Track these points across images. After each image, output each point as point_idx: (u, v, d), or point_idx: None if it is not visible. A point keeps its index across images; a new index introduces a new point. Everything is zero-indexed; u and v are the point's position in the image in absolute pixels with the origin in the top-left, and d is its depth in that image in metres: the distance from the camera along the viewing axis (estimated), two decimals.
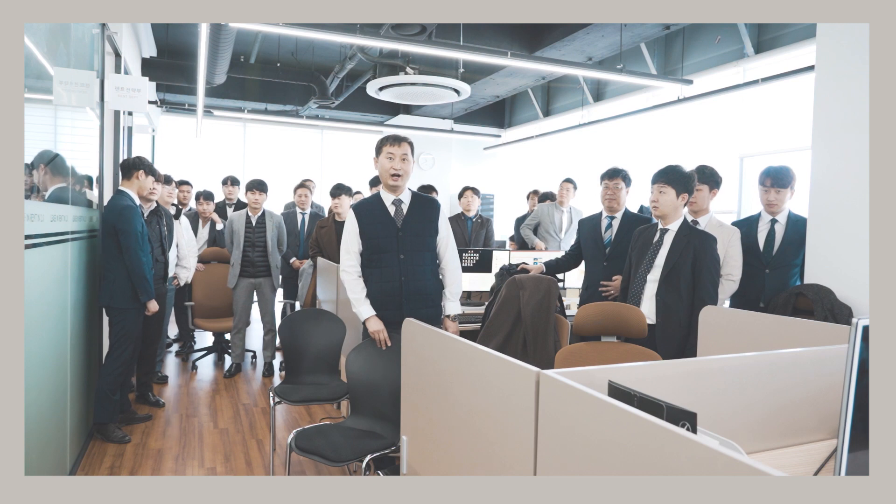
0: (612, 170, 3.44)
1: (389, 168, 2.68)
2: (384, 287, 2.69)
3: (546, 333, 2.73)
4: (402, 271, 2.68)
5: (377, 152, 2.74)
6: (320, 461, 2.24)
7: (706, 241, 2.65)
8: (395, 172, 2.67)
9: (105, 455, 3.21)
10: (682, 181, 2.70)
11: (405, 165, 2.69)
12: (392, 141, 2.69)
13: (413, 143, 2.77)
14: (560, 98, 8.68)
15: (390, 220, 2.71)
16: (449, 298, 2.80)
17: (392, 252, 2.68)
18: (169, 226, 4.25)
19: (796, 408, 1.42)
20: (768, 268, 3.22)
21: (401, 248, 2.68)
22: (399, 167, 2.67)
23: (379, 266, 2.70)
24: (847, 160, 2.68)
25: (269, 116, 8.52)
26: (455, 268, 2.83)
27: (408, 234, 2.70)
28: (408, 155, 2.70)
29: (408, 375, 1.75)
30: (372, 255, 2.71)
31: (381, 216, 2.72)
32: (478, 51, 4.95)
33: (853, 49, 2.65)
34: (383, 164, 2.69)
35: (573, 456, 1.01)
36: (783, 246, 3.20)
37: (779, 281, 3.17)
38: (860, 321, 1.05)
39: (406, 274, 2.68)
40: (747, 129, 5.86)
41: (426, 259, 2.75)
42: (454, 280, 2.82)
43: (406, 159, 2.69)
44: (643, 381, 1.20)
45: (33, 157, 2.31)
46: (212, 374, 4.93)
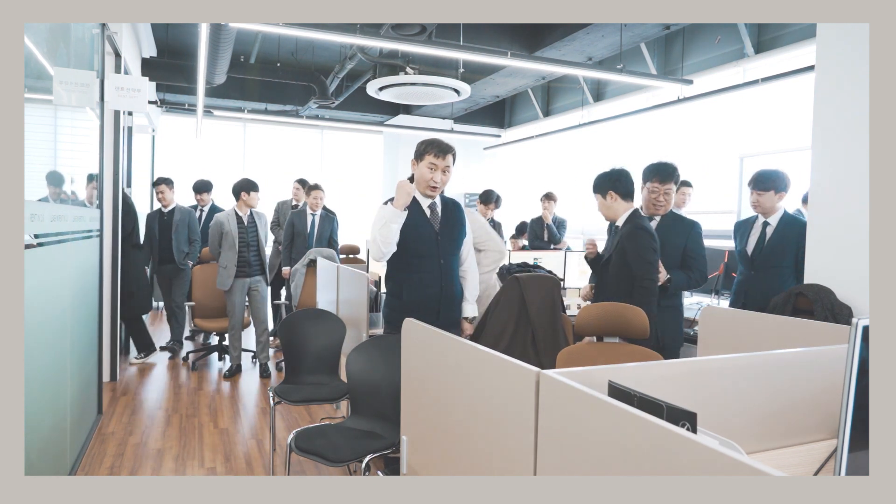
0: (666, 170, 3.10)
1: (430, 179, 2.56)
2: (424, 293, 2.61)
3: (555, 332, 2.72)
4: (442, 277, 2.61)
5: (419, 157, 2.60)
6: (320, 461, 2.24)
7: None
8: (434, 185, 2.57)
9: (105, 455, 3.21)
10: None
11: (445, 178, 2.59)
12: (437, 151, 2.55)
13: (455, 153, 2.64)
14: (560, 98, 8.68)
15: (428, 224, 2.62)
16: (468, 300, 2.77)
17: (432, 257, 2.60)
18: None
19: (796, 408, 1.42)
20: (753, 269, 3.23)
21: (441, 253, 2.62)
22: (439, 180, 2.57)
23: (419, 271, 2.60)
24: (847, 160, 2.68)
25: (269, 116, 8.53)
26: (476, 270, 2.80)
27: (445, 238, 2.64)
28: (450, 167, 2.59)
29: (408, 375, 1.75)
30: (410, 259, 2.60)
31: (418, 219, 2.61)
32: (478, 51, 4.95)
33: (853, 49, 2.65)
34: (423, 172, 2.57)
35: (573, 456, 1.01)
36: (769, 248, 3.21)
37: (764, 283, 3.17)
38: (860, 321, 1.05)
39: (445, 279, 2.62)
40: (747, 129, 5.86)
41: (457, 262, 2.71)
42: (475, 282, 2.79)
43: (447, 171, 2.59)
44: (643, 381, 1.20)
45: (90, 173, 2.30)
46: (212, 374, 4.93)
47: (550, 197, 6.59)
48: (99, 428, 3.59)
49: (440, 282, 2.62)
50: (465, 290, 2.78)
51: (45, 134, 2.62)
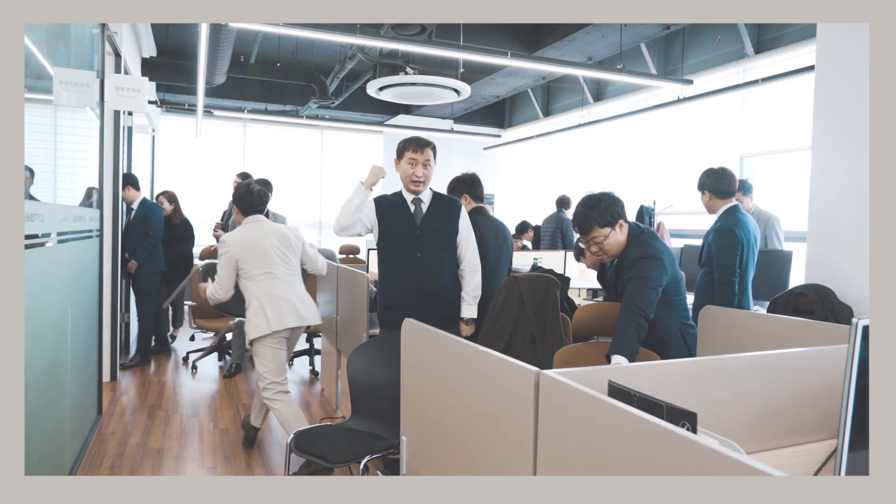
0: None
1: (412, 174, 2.66)
2: (400, 286, 2.66)
3: (554, 330, 2.72)
4: (419, 270, 2.65)
5: (399, 156, 2.69)
6: (319, 463, 2.24)
7: None
8: (416, 179, 2.66)
9: (105, 455, 3.21)
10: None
11: (427, 171, 2.67)
12: (415, 147, 2.65)
13: (436, 147, 2.74)
14: (560, 98, 8.68)
15: (409, 218, 2.68)
16: (466, 301, 2.77)
17: (409, 250, 2.66)
18: None
19: (796, 408, 1.41)
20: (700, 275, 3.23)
21: (418, 247, 2.66)
22: (421, 174, 2.65)
23: (396, 264, 2.67)
24: (847, 160, 2.68)
25: (269, 116, 8.53)
26: (475, 270, 2.79)
27: (426, 232, 2.68)
28: (430, 161, 2.68)
29: (407, 375, 1.75)
30: (389, 252, 2.69)
31: (400, 213, 2.69)
32: (478, 51, 4.95)
33: (853, 49, 2.65)
34: (405, 169, 2.67)
35: (573, 456, 1.01)
36: (704, 252, 3.22)
37: (704, 289, 3.16)
38: (860, 321, 1.05)
39: (423, 273, 2.65)
40: (747, 129, 5.86)
41: (444, 259, 2.72)
42: (473, 282, 2.78)
43: (428, 165, 2.67)
44: (643, 381, 1.20)
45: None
46: (212, 374, 4.93)
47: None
48: (99, 428, 3.58)
49: (416, 275, 2.65)
50: (463, 290, 2.78)
51: (45, 134, 2.62)
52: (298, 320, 2.98)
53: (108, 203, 4.36)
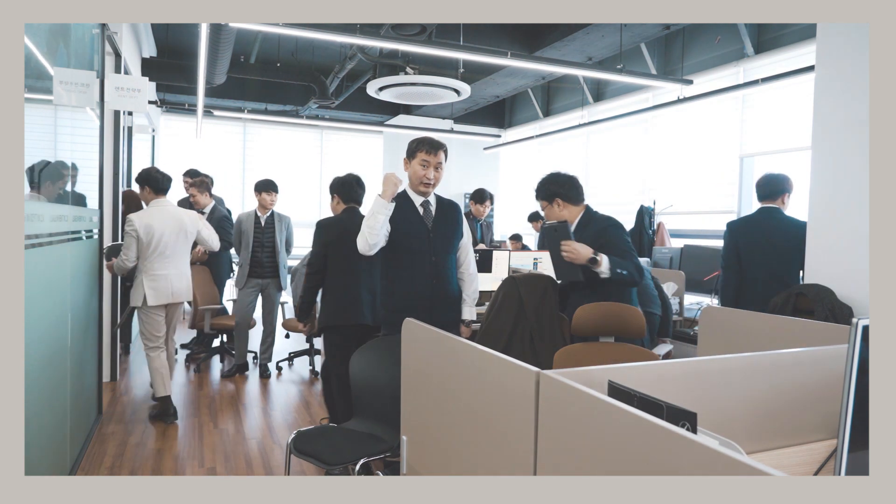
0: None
1: (423, 176, 2.61)
2: (414, 290, 2.62)
3: (553, 329, 2.72)
4: (434, 274, 2.63)
5: (410, 155, 2.64)
6: (318, 464, 2.23)
7: None
8: (427, 182, 2.62)
9: (105, 455, 3.21)
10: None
11: (438, 175, 2.64)
12: (428, 148, 2.60)
13: (447, 149, 2.70)
14: (560, 98, 8.68)
15: (420, 221, 2.65)
16: (467, 303, 2.78)
17: (424, 254, 2.63)
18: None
19: (796, 408, 1.41)
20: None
21: (433, 251, 2.64)
22: (432, 177, 2.62)
23: (410, 268, 2.63)
24: (847, 160, 2.68)
25: (269, 116, 8.53)
26: (475, 272, 2.81)
27: (438, 236, 2.66)
28: (442, 163, 2.64)
29: (408, 375, 1.75)
30: (401, 254, 2.64)
31: (410, 216, 2.64)
32: (478, 51, 4.95)
33: (853, 49, 2.65)
34: (416, 170, 2.62)
35: (573, 456, 1.01)
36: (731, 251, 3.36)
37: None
38: (860, 321, 1.05)
39: (437, 277, 2.64)
40: (747, 129, 5.86)
41: (452, 262, 2.72)
42: (474, 285, 2.79)
43: (440, 167, 2.64)
44: (643, 381, 1.20)
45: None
46: (212, 374, 4.93)
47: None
48: (99, 428, 3.59)
49: (431, 280, 2.64)
50: (463, 293, 2.78)
51: (46, 134, 2.62)
52: (171, 298, 3.72)
53: (108, 203, 4.36)
